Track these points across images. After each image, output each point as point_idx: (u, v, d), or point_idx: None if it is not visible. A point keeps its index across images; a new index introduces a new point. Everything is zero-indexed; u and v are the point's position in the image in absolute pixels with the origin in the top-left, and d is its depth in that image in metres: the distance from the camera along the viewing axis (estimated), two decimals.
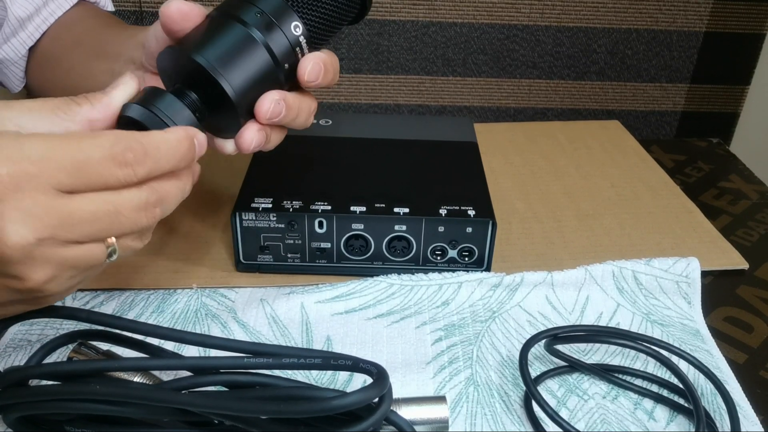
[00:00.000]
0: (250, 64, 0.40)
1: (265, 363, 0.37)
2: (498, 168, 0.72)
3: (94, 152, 0.34)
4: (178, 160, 0.37)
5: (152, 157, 0.35)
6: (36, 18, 0.60)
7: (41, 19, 0.61)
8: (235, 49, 0.39)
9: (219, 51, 0.39)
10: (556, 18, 0.85)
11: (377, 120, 0.67)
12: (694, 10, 0.85)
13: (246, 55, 0.40)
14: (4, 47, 0.61)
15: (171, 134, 0.37)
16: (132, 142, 0.35)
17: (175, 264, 0.56)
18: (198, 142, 0.38)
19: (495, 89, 0.89)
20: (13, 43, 0.61)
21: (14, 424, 0.37)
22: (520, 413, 0.44)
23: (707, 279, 0.57)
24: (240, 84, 0.39)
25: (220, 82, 0.39)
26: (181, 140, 0.37)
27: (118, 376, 0.39)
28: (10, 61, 0.62)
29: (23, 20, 0.60)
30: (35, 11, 0.60)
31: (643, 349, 0.46)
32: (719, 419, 0.44)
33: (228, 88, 0.39)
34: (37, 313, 0.41)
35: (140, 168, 0.35)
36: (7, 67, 0.63)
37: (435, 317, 0.51)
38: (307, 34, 0.41)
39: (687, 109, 0.92)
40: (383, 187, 0.56)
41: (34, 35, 0.61)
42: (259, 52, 0.40)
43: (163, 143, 0.36)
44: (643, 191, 0.69)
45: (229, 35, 0.40)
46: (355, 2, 0.44)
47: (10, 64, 0.62)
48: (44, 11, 0.61)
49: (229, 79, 0.39)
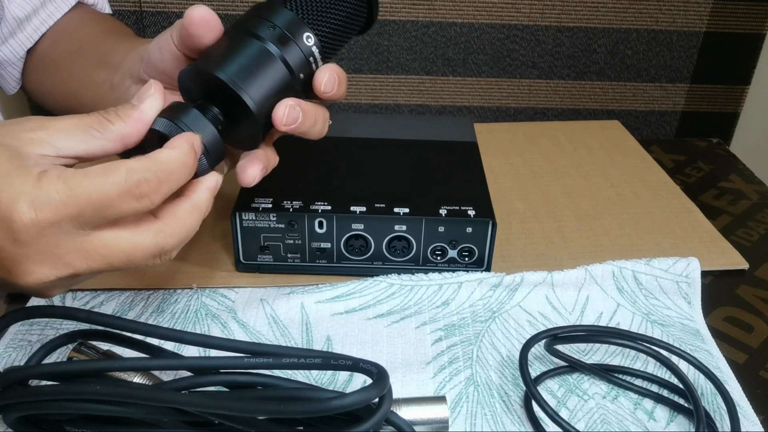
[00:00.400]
0: (268, 77, 0.41)
1: (265, 363, 0.37)
2: (498, 168, 0.72)
3: (109, 190, 0.34)
4: (189, 175, 0.38)
5: (167, 182, 0.36)
6: (34, 19, 0.60)
7: (39, 20, 0.61)
8: (253, 64, 0.41)
9: (238, 67, 0.40)
10: (556, 18, 0.85)
11: (377, 120, 0.67)
12: (694, 10, 0.85)
13: (263, 69, 0.41)
14: (2, 48, 0.61)
15: (177, 150, 0.37)
16: (146, 173, 0.35)
17: (175, 264, 0.56)
18: (195, 145, 0.39)
19: (495, 89, 0.89)
20: (11, 44, 0.61)
21: (14, 424, 0.37)
22: (520, 413, 0.44)
23: (707, 279, 0.57)
24: (259, 97, 0.41)
25: (241, 96, 0.40)
26: (187, 153, 0.38)
27: (118, 376, 0.39)
28: (7, 62, 0.62)
29: (21, 21, 0.60)
30: (33, 12, 0.60)
31: (643, 349, 0.46)
32: (719, 419, 0.44)
33: (249, 101, 0.40)
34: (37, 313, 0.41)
35: (157, 196, 0.36)
36: (4, 68, 0.62)
37: (435, 317, 0.51)
38: (319, 44, 0.43)
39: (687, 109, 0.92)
40: (383, 187, 0.56)
41: (33, 37, 0.61)
42: (276, 64, 0.41)
43: (173, 163, 0.37)
44: (643, 191, 0.69)
45: (247, 51, 0.41)
46: (362, 12, 0.46)
47: (7, 65, 0.62)
48: (42, 13, 0.61)
49: (249, 92, 0.40)
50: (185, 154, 0.37)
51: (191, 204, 0.39)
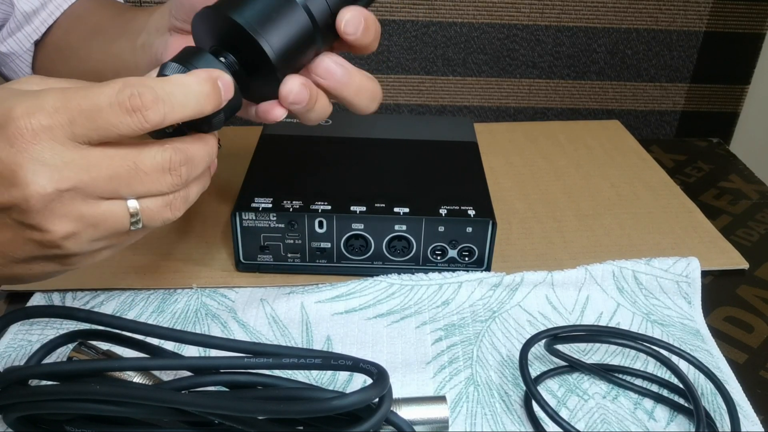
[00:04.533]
0: (289, 25, 0.38)
1: (265, 363, 0.37)
2: (498, 168, 0.72)
3: (100, 99, 0.33)
4: (200, 104, 0.35)
5: (165, 102, 0.34)
6: (42, 12, 0.61)
7: (47, 13, 0.61)
8: (273, 10, 0.38)
9: (256, 11, 0.38)
10: (556, 18, 0.85)
11: (377, 120, 0.67)
12: (693, 10, 0.85)
13: (284, 16, 0.38)
14: (9, 41, 0.61)
15: (190, 77, 0.35)
16: (140, 87, 0.33)
17: (175, 264, 0.56)
18: (223, 84, 0.36)
19: (495, 89, 0.89)
20: (18, 36, 0.61)
21: (14, 424, 0.37)
22: (520, 413, 0.44)
23: (707, 279, 0.57)
24: (279, 46, 0.38)
25: (260, 42, 0.38)
26: (201, 82, 0.35)
27: (118, 376, 0.39)
28: (15, 55, 0.62)
29: (29, 15, 0.60)
30: (41, 6, 0.61)
31: (643, 349, 0.46)
32: (719, 419, 0.44)
33: (268, 49, 0.38)
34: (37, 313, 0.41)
35: (152, 114, 0.34)
36: (13, 61, 0.63)
37: (435, 317, 0.51)
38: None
39: (687, 109, 0.92)
40: (383, 187, 0.56)
41: (40, 29, 0.61)
42: (297, 11, 0.39)
43: (178, 87, 0.35)
44: (643, 191, 0.69)
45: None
46: None
47: (15, 58, 0.63)
48: (50, 5, 0.61)
49: (269, 40, 0.38)
50: (197, 82, 0.35)
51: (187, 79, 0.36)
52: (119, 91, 0.33)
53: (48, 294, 0.52)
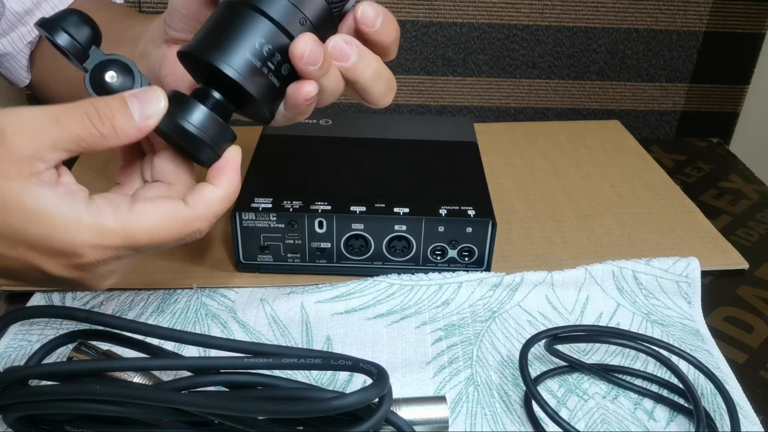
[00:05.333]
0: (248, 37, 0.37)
1: (265, 363, 0.37)
2: (498, 168, 0.72)
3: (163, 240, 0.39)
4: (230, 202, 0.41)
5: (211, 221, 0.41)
6: (36, 13, 0.61)
7: (41, 13, 0.61)
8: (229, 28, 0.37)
9: (213, 37, 0.37)
10: (556, 18, 0.85)
11: (377, 120, 0.67)
12: (693, 10, 0.85)
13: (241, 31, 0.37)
14: (2, 41, 0.61)
15: (219, 190, 0.40)
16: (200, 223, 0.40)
17: (175, 264, 0.56)
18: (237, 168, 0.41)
19: (495, 89, 0.89)
20: (12, 37, 0.61)
21: (14, 424, 0.37)
22: (520, 413, 0.44)
23: (707, 279, 0.57)
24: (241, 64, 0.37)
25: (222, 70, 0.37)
26: (231, 196, 0.41)
27: (118, 376, 0.39)
28: (9, 56, 0.62)
29: (21, 15, 0.60)
30: (34, 6, 0.60)
31: (643, 349, 0.46)
32: (719, 419, 0.44)
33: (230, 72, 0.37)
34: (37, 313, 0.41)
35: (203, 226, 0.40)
36: (8, 62, 0.63)
37: (435, 317, 0.51)
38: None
39: (687, 109, 0.92)
40: (383, 187, 0.56)
41: (34, 31, 0.61)
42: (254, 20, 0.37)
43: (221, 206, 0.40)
44: (643, 191, 0.69)
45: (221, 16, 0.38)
46: None
47: (9, 58, 0.63)
48: (45, 6, 0.61)
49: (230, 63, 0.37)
50: (226, 197, 0.40)
51: (223, 193, 0.40)
52: (182, 230, 0.39)
53: (48, 294, 0.52)
